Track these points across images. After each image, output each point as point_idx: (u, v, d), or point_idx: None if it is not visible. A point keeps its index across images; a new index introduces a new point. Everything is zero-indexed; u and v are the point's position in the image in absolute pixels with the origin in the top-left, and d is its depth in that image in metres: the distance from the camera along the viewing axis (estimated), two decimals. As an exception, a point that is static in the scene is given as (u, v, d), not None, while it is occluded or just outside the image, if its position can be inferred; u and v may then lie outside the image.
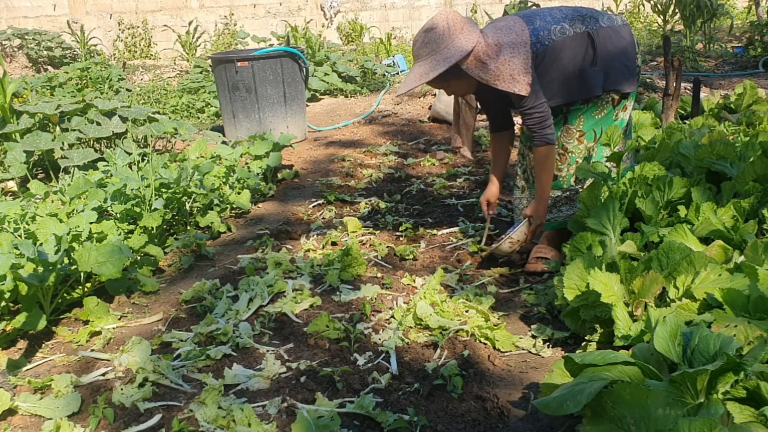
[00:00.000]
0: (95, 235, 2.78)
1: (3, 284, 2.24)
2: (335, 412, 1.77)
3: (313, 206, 3.89)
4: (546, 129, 2.59)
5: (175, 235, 3.34)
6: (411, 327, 2.31)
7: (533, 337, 2.30)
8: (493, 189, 2.96)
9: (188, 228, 3.43)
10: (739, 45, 8.86)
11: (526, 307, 2.55)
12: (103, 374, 2.12)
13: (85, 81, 7.22)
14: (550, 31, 2.59)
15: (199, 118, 6.79)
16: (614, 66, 2.64)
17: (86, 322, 2.48)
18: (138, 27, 11.78)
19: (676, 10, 9.48)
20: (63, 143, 4.26)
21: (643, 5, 12.61)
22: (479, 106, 3.11)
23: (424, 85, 3.35)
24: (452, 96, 2.82)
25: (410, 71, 2.57)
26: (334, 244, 3.20)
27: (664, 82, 4.37)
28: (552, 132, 2.61)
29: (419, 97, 6.95)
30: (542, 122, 2.58)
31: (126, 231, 3.02)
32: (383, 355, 2.14)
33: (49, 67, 10.31)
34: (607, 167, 2.61)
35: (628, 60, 2.69)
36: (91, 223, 2.81)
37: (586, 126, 2.72)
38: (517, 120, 3.37)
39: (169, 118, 6.06)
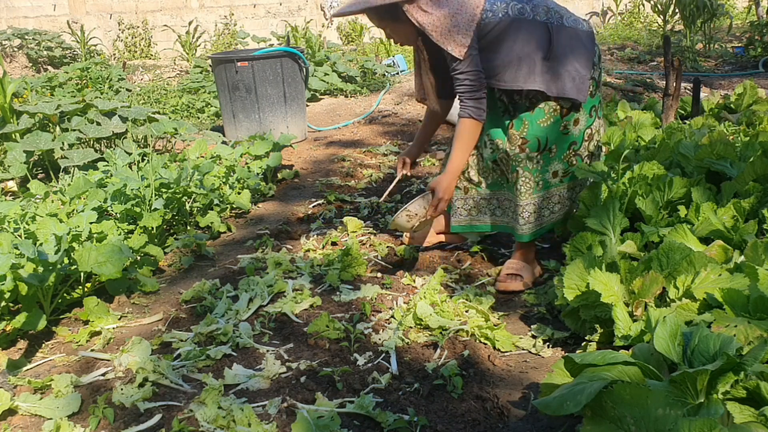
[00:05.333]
0: (95, 235, 2.78)
1: (3, 284, 2.24)
2: (335, 412, 1.77)
3: (313, 206, 3.88)
4: (475, 101, 2.48)
5: (175, 235, 3.34)
6: (411, 327, 2.31)
7: (533, 337, 2.30)
8: (413, 150, 3.03)
9: (188, 228, 3.43)
10: (739, 45, 8.87)
11: (526, 307, 2.55)
12: (103, 374, 2.12)
13: (85, 81, 7.21)
14: (508, 5, 2.47)
15: (199, 118, 6.79)
16: (565, 68, 2.47)
17: (86, 322, 2.48)
18: (138, 27, 11.78)
19: (676, 10, 9.49)
20: (63, 143, 4.26)
21: (643, 5, 12.62)
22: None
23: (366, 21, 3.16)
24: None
25: None
26: (334, 244, 3.20)
27: (664, 82, 4.37)
28: (481, 108, 2.49)
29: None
30: (473, 92, 2.47)
31: (126, 231, 3.02)
32: (383, 355, 2.14)
33: (49, 67, 10.31)
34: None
35: (582, 67, 2.50)
36: (91, 223, 2.81)
37: (529, 134, 2.53)
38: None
39: (169, 118, 6.05)
